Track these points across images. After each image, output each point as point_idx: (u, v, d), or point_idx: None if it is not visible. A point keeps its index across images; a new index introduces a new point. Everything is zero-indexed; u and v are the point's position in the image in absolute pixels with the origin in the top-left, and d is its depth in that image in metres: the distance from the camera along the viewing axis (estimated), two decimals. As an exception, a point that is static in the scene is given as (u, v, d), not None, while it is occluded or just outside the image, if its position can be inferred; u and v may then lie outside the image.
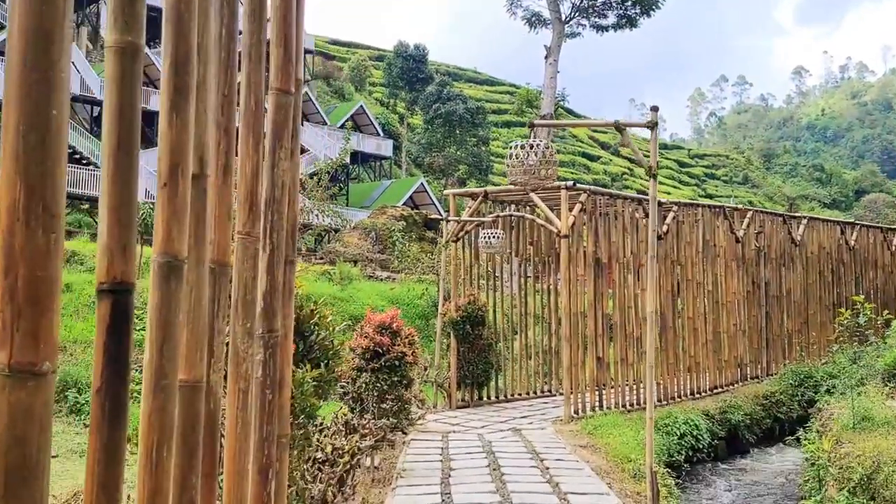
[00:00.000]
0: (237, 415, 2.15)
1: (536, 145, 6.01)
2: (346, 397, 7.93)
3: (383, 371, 7.87)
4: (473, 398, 12.95)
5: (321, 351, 3.93)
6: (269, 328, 2.32)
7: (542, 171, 5.97)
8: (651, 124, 5.96)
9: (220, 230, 2.03)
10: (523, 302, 14.37)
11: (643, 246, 12.98)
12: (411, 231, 28.70)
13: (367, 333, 8.09)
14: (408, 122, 64.45)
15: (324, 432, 6.09)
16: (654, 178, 5.98)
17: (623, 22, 31.28)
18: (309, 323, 4.03)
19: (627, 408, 12.23)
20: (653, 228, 6.11)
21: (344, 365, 8.11)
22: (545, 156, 6.02)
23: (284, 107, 2.38)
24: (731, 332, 14.91)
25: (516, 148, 6.07)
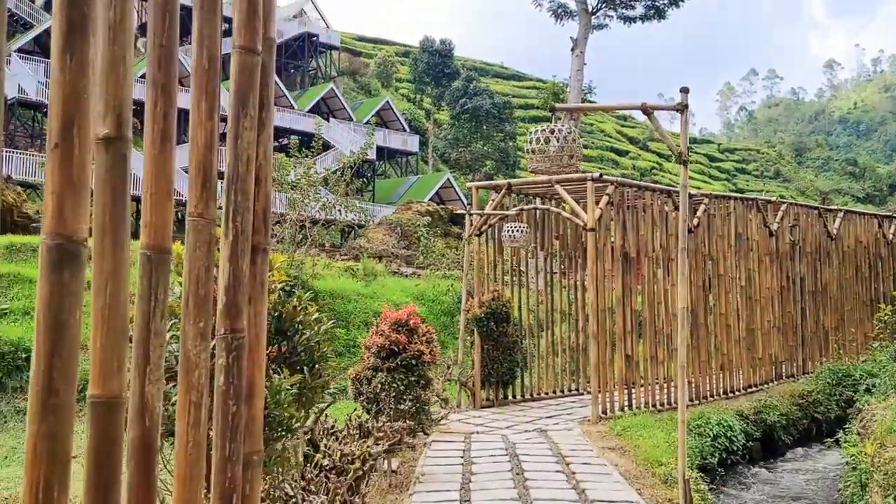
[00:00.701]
0: (187, 432, 1.80)
1: (558, 130, 5.61)
2: (361, 398, 7.59)
3: (399, 371, 7.50)
4: (498, 397, 12.57)
5: (307, 353, 3.56)
6: (233, 328, 1.97)
7: (564, 158, 5.57)
8: (680, 107, 5.54)
9: (158, 209, 1.68)
10: (549, 298, 13.94)
11: (673, 240, 12.51)
12: (436, 226, 28.34)
13: (383, 331, 7.72)
14: (434, 118, 64.10)
15: (336, 436, 5.75)
16: (684, 165, 5.56)
17: (651, 13, 30.62)
18: (293, 321, 3.66)
19: (658, 407, 11.78)
20: (683, 218, 5.69)
21: (358, 364, 7.77)
22: (568, 141, 5.62)
23: (250, 68, 2.03)
24: (765, 329, 14.37)
25: (537, 133, 5.67)
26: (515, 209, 12.25)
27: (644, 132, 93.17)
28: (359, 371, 7.69)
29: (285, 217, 18.94)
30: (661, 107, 5.54)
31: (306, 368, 3.42)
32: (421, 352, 7.66)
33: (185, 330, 1.83)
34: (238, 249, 1.97)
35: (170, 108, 1.68)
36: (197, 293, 1.82)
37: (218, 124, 1.92)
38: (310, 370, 3.46)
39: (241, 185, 1.99)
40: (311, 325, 3.74)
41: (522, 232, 11.54)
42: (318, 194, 19.14)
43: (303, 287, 17.66)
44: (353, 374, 7.80)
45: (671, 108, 5.55)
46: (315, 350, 3.56)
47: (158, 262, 1.66)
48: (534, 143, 5.64)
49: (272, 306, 3.59)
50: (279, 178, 18.94)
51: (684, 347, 5.78)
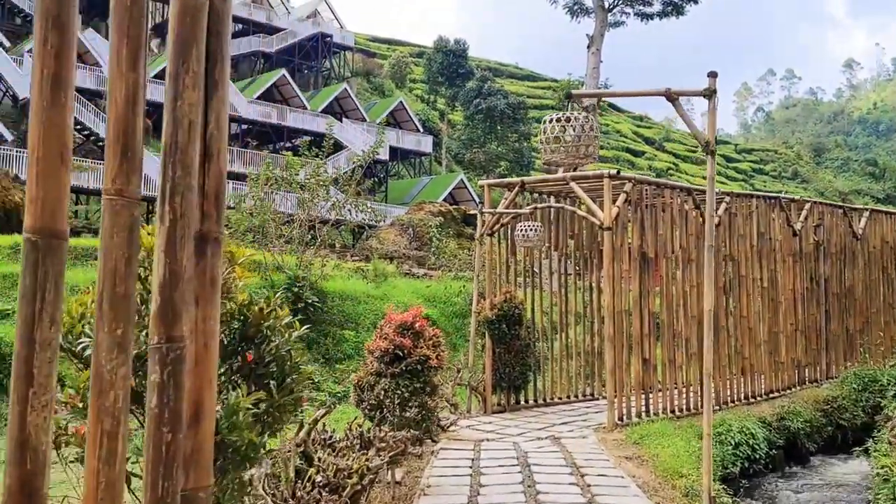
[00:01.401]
0: (98, 470, 1.40)
1: (574, 119, 5.19)
2: (363, 405, 7.17)
3: (404, 376, 7.09)
4: (510, 402, 12.14)
5: (276, 364, 3.12)
6: (169, 335, 1.57)
7: (581, 149, 5.15)
8: (708, 92, 5.11)
9: (48, 180, 1.29)
10: (564, 299, 13.50)
11: (693, 239, 12.06)
12: (449, 227, 27.95)
13: (387, 334, 7.31)
14: (448, 119, 63.73)
15: (333, 447, 5.36)
16: (711, 155, 5.13)
17: (669, 9, 30.05)
18: (261, 327, 3.22)
19: (677, 413, 11.32)
20: (710, 213, 5.26)
21: (361, 370, 7.37)
22: (585, 130, 5.20)
23: (192, 12, 1.63)
24: (788, 332, 13.86)
25: (551, 122, 5.25)
26: (529, 207, 11.82)
27: (660, 132, 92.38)
28: (361, 377, 7.28)
29: (294, 217, 18.61)
30: (686, 92, 5.11)
31: (274, 383, 2.99)
32: (427, 356, 7.23)
33: (98, 340, 1.43)
34: (176, 238, 1.58)
35: (64, 47, 1.28)
36: (114, 292, 1.43)
37: (144, 75, 1.53)
38: (279, 385, 3.03)
39: (181, 157, 1.60)
40: (281, 330, 3.30)
41: (536, 231, 11.12)
42: (327, 194, 18.80)
43: (310, 288, 17.35)
44: (356, 379, 7.39)
45: (698, 94, 5.12)
46: (285, 360, 3.12)
47: (48, 249, 1.27)
48: (548, 133, 5.22)
49: (237, 309, 3.15)
50: (288, 177, 18.61)
51: (710, 354, 5.34)
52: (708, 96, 5.15)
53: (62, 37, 1.29)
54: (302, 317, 17.01)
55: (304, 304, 16.91)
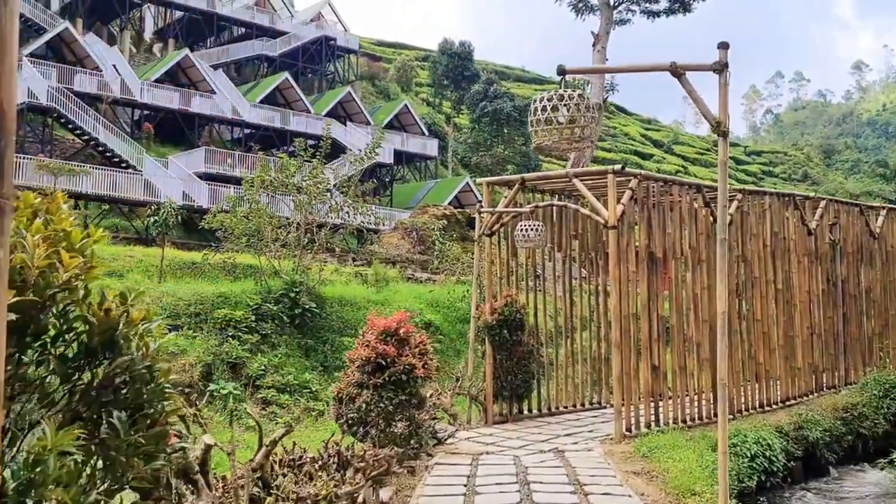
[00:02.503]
0: None
1: (568, 97, 4.60)
2: (342, 420, 6.56)
3: (387, 388, 6.48)
4: (512, 412, 11.52)
5: (130, 387, 2.38)
6: None
7: (576, 131, 4.56)
8: (719, 66, 4.52)
9: None
10: (569, 303, 12.88)
11: (703, 239, 11.44)
12: (453, 230, 27.35)
13: (368, 342, 6.70)
14: (454, 122, 63.20)
15: (300, 469, 4.77)
16: (723, 137, 4.53)
17: (676, 6, 29.41)
18: (111, 334, 2.46)
19: (688, 423, 10.69)
20: (723, 204, 4.67)
21: (341, 380, 6.78)
22: (580, 110, 4.61)
23: None
24: (803, 336, 13.21)
25: (541, 102, 4.66)
26: (529, 206, 11.22)
27: (669, 135, 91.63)
28: (341, 388, 6.67)
29: (291, 221, 18.06)
30: (694, 66, 4.51)
31: (124, 414, 2.26)
32: (412, 366, 6.61)
33: None
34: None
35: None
36: None
37: None
38: (131, 415, 2.39)
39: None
40: (140, 339, 2.59)
41: (537, 231, 10.51)
42: (327, 197, 18.25)
43: (308, 294, 16.79)
44: (336, 391, 6.79)
45: (707, 69, 4.53)
46: (144, 381, 2.43)
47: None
48: (539, 113, 4.63)
49: (86, 309, 2.42)
50: (284, 179, 18.07)
51: (725, 360, 4.73)
52: (719, 71, 4.56)
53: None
54: (299, 323, 16.51)
55: (301, 310, 16.37)
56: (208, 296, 15.88)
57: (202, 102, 43.61)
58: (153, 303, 15.27)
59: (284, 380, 14.86)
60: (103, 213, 32.42)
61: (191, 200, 33.58)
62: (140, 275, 17.38)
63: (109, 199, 32.57)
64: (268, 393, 14.49)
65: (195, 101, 43.32)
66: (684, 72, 4.51)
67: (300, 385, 15.04)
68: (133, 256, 18.64)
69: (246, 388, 14.62)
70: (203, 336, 15.01)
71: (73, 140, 38.49)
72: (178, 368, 13.92)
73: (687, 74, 4.56)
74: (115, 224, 32.22)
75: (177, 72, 46.17)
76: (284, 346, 15.77)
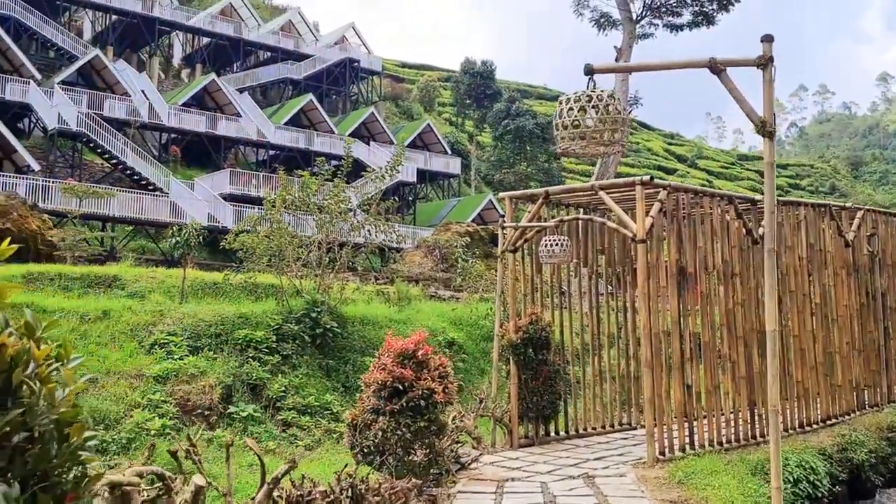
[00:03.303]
0: None
1: (596, 98, 4.25)
2: (356, 450, 6.17)
3: (405, 414, 6.10)
4: (539, 434, 11.08)
5: (35, 446, 1.80)
6: None
7: (606, 134, 4.20)
8: (763, 61, 4.15)
9: None
10: (596, 320, 12.45)
11: (736, 252, 10.98)
12: (476, 247, 27.01)
13: (384, 365, 6.33)
14: (477, 140, 63.03)
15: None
16: (769, 137, 4.16)
17: (700, 19, 28.99)
18: (8, 376, 1.86)
19: (724, 445, 10.20)
20: (771, 210, 4.28)
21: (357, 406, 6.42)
22: (610, 112, 4.25)
23: None
24: (843, 352, 12.66)
25: (569, 102, 4.31)
26: (554, 220, 10.84)
27: (692, 150, 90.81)
28: (356, 414, 6.30)
29: (312, 240, 17.82)
30: (735, 62, 4.16)
31: (17, 487, 1.63)
32: (431, 390, 6.22)
33: None
34: None
35: None
36: None
37: None
38: (39, 481, 1.77)
39: None
40: (46, 384, 1.94)
41: (562, 246, 10.13)
42: (346, 215, 17.98)
43: (329, 313, 16.49)
44: (350, 417, 6.41)
45: (750, 64, 4.16)
46: (52, 441, 1.84)
47: None
48: (564, 116, 4.28)
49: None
50: (305, 197, 17.84)
51: (776, 386, 4.32)
52: (763, 66, 4.19)
53: None
54: (320, 343, 16.20)
55: (323, 329, 16.06)
56: (229, 316, 15.64)
57: (228, 125, 43.83)
58: (174, 324, 15.09)
59: (305, 401, 14.52)
60: (130, 236, 32.49)
61: (216, 222, 33.57)
62: (161, 296, 17.20)
63: (136, 222, 32.66)
64: (288, 415, 14.16)
65: (221, 124, 43.52)
66: (724, 68, 4.15)
67: (321, 406, 14.70)
68: (155, 277, 18.47)
69: (266, 409, 14.32)
70: (223, 357, 14.74)
71: (102, 164, 38.79)
72: (197, 390, 13.66)
73: (728, 71, 4.20)
74: (141, 246, 32.27)
75: (203, 96, 46.46)
76: (305, 366, 15.45)
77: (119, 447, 11.76)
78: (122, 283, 17.68)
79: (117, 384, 13.08)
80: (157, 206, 33.15)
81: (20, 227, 17.57)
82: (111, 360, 13.60)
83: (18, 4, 45.65)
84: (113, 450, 11.65)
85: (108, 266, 21.19)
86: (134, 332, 14.48)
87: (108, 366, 13.40)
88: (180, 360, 13.95)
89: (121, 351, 14.07)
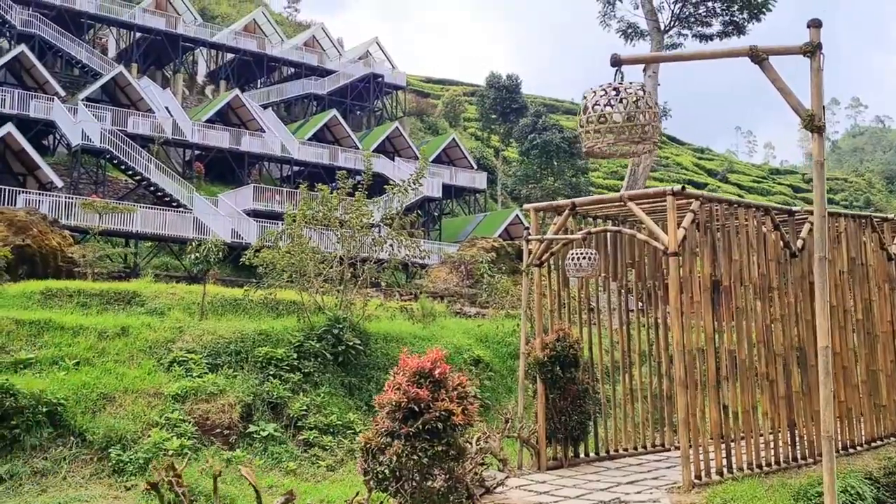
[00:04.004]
0: None
1: (625, 90, 3.84)
2: (369, 476, 5.76)
3: (421, 437, 5.68)
4: (567, 456, 10.60)
5: None
6: None
7: (636, 130, 3.79)
8: (810, 48, 3.73)
9: None
10: (626, 337, 11.96)
11: (774, 265, 10.47)
12: (503, 263, 26.58)
13: (399, 384, 5.92)
14: (503, 155, 62.71)
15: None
16: (818, 133, 3.73)
17: (730, 29, 28.47)
18: None
19: (764, 469, 9.66)
20: (822, 214, 3.85)
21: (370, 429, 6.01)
22: (640, 107, 3.85)
23: None
24: (888, 371, 12.05)
25: (595, 96, 3.91)
26: (581, 232, 10.41)
27: (723, 164, 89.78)
28: (369, 438, 5.90)
29: (333, 255, 17.52)
30: (779, 49, 3.74)
31: None
32: (449, 411, 5.79)
33: None
34: None
35: None
36: None
37: None
38: None
39: None
40: None
41: (590, 260, 9.69)
42: (368, 230, 17.66)
43: (352, 329, 16.14)
44: (363, 441, 6.00)
45: (795, 51, 3.74)
46: None
47: None
48: (590, 111, 3.88)
49: None
50: (326, 212, 17.56)
51: (830, 410, 3.86)
52: (810, 53, 3.77)
53: None
54: (342, 360, 15.84)
55: (345, 346, 15.70)
56: (249, 333, 15.35)
57: (252, 141, 43.92)
58: (193, 341, 14.85)
59: (327, 420, 14.15)
60: (153, 252, 32.52)
61: (239, 238, 33.50)
62: (181, 312, 16.96)
63: (159, 238, 32.68)
64: (310, 434, 13.78)
65: (245, 140, 43.61)
66: (766, 56, 3.74)
67: (344, 425, 14.31)
68: (175, 294, 18.26)
69: (287, 429, 13.96)
70: (243, 375, 14.43)
71: (125, 181, 38.98)
72: (216, 409, 13.36)
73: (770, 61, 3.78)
74: (165, 263, 32.25)
75: (227, 112, 46.67)
76: (327, 384, 15.08)
77: (136, 467, 11.47)
78: (142, 299, 17.48)
79: (135, 402, 12.82)
80: (180, 223, 33.17)
81: (40, 244, 17.48)
82: (129, 377, 13.36)
83: (43, 23, 46.26)
84: (130, 470, 11.37)
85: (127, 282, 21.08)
86: (152, 350, 14.23)
87: (125, 384, 13.16)
88: (199, 378, 13.66)
89: (139, 368, 13.82)
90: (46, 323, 14.42)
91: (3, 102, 35.65)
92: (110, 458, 11.53)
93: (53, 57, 47.22)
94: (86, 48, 48.49)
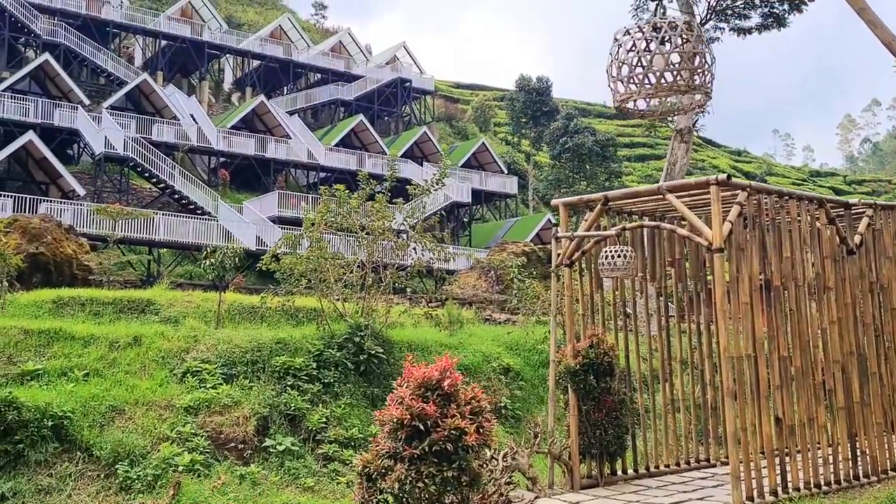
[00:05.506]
0: None
1: (668, 28, 2.98)
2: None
3: (428, 460, 4.80)
4: (603, 473, 9.69)
5: None
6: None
7: (683, 75, 2.94)
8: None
9: None
10: (666, 343, 11.00)
11: (829, 263, 9.49)
12: (533, 267, 25.68)
13: (402, 398, 5.05)
14: (534, 160, 61.79)
15: None
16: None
17: (769, 21, 27.32)
18: None
19: (823, 488, 8.67)
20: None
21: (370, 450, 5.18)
22: (686, 52, 2.98)
23: None
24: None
25: (630, 40, 3.05)
26: (615, 228, 9.51)
27: (761, 167, 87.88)
28: (368, 460, 5.04)
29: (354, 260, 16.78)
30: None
31: None
32: (461, 430, 4.88)
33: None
34: None
35: None
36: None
37: None
38: None
39: None
40: None
41: (625, 258, 8.80)
42: (390, 234, 16.89)
43: (374, 337, 15.37)
44: (361, 463, 5.13)
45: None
46: None
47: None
48: (620, 55, 3.02)
49: None
50: (345, 213, 16.83)
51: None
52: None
53: None
54: (364, 370, 15.09)
55: (367, 355, 14.93)
56: (266, 342, 14.66)
57: (278, 148, 43.51)
58: (208, 350, 14.20)
59: (348, 433, 13.38)
60: (176, 260, 32.11)
61: (264, 245, 32.98)
62: (197, 321, 16.34)
63: (182, 246, 32.28)
64: (329, 448, 13.01)
65: (270, 147, 43.22)
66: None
67: (365, 439, 13.54)
68: (191, 302, 17.67)
69: (305, 442, 13.22)
70: (260, 386, 13.73)
71: (149, 189, 38.73)
72: (231, 422, 12.67)
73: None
74: (188, 271, 31.81)
75: (253, 118, 46.34)
76: (348, 395, 14.32)
77: (143, 485, 10.82)
78: (157, 307, 16.90)
79: (145, 415, 12.18)
80: (204, 230, 32.74)
81: (54, 251, 16.99)
82: (140, 389, 12.73)
83: (69, 32, 46.33)
84: (137, 487, 10.73)
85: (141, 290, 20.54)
86: (165, 360, 13.62)
87: (136, 396, 12.54)
88: (213, 390, 13.01)
89: (151, 380, 13.19)
90: (56, 332, 13.88)
91: (27, 111, 35.59)
92: (117, 474, 10.90)
93: (79, 66, 47.28)
94: (111, 57, 48.52)
